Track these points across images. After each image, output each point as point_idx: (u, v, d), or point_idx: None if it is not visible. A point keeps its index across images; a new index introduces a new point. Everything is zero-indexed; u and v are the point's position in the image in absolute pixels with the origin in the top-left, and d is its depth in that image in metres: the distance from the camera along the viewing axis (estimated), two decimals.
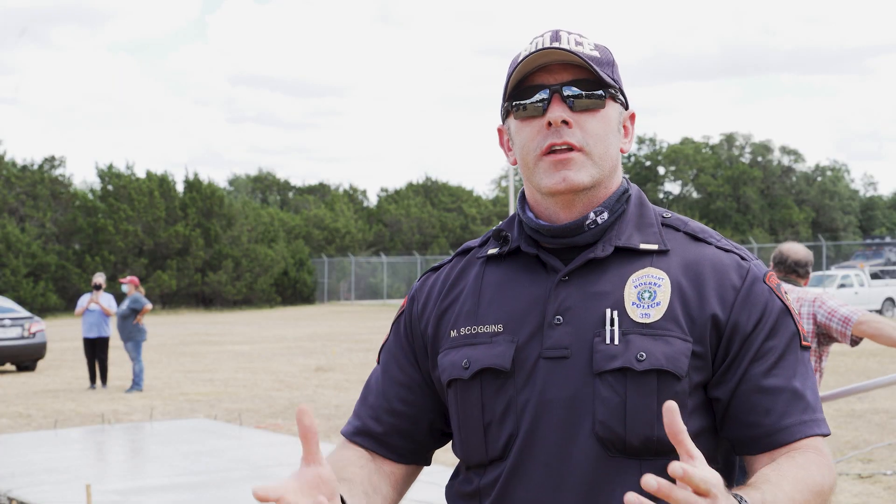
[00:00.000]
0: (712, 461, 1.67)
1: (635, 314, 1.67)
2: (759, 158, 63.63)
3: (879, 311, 33.37)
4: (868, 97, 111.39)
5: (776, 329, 1.69)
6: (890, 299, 33.77)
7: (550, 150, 1.70)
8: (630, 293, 1.69)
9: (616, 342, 1.66)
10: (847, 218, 64.21)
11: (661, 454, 1.63)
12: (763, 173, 62.35)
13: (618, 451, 1.64)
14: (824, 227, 62.11)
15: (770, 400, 1.67)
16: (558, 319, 1.70)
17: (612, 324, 1.67)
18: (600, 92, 1.72)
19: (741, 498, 1.47)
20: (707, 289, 1.69)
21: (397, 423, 1.85)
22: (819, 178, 64.83)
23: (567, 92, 1.70)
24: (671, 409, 1.38)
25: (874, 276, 34.63)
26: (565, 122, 1.69)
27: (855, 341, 5.18)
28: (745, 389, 1.67)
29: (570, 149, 1.70)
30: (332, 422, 12.08)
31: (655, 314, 1.67)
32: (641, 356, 1.64)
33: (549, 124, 1.70)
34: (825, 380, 14.67)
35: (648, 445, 1.64)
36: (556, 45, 1.71)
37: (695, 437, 1.65)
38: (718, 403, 1.69)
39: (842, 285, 32.84)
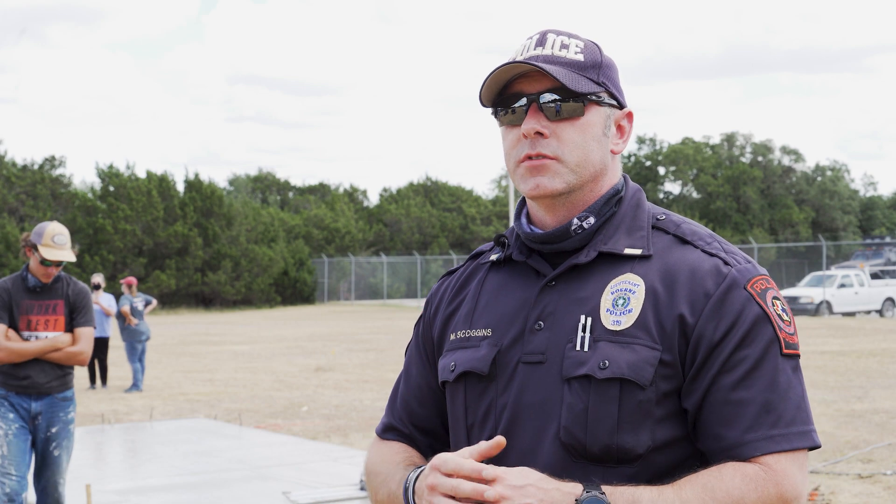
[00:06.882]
0: (689, 471, 1.64)
1: (608, 321, 1.68)
2: (760, 158, 63.59)
3: (879, 312, 33.38)
4: (868, 96, 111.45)
5: (750, 337, 1.65)
6: (890, 299, 33.75)
7: (527, 158, 1.73)
8: (606, 300, 1.70)
9: (586, 348, 1.67)
10: (847, 218, 64.15)
11: (622, 462, 1.64)
12: (763, 173, 62.30)
13: (580, 457, 1.65)
14: (824, 226, 62.08)
15: (736, 412, 1.63)
16: (539, 325, 1.72)
17: (583, 330, 1.68)
18: (578, 100, 1.72)
19: (594, 485, 1.54)
20: (678, 295, 1.67)
21: (418, 423, 1.91)
22: (819, 178, 64.78)
23: (544, 101, 1.72)
24: None
25: (874, 276, 34.61)
26: (540, 134, 1.72)
27: None
28: (712, 401, 1.64)
29: (545, 157, 1.72)
30: (333, 422, 12.08)
31: (626, 321, 1.67)
32: (604, 364, 1.64)
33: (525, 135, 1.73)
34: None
35: (609, 453, 1.64)
36: (539, 50, 1.74)
37: (666, 447, 1.66)
38: (689, 414, 1.67)
39: (842, 285, 32.86)
